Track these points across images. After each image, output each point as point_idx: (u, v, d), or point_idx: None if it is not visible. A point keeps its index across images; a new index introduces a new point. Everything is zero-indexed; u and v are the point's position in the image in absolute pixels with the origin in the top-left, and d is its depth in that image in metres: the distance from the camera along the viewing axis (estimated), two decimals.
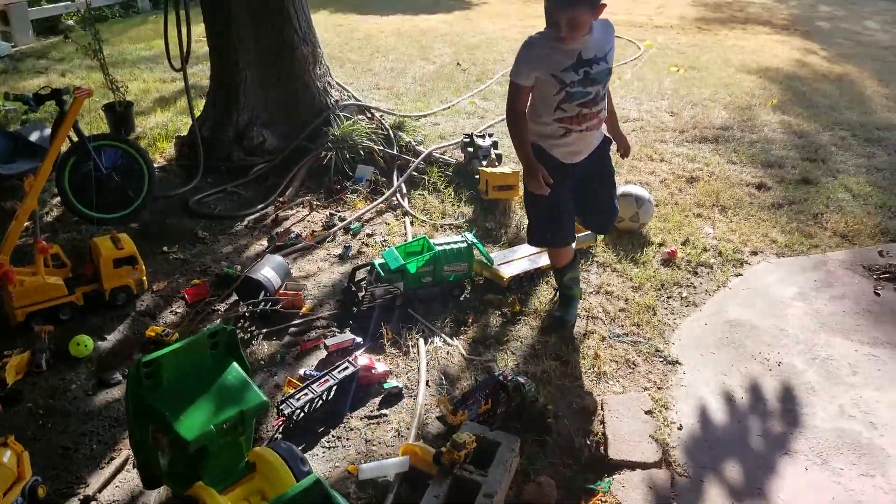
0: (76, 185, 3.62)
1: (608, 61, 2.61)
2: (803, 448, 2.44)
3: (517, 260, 3.59)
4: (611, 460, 2.37)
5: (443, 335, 3.09)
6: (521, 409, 2.58)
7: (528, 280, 3.49)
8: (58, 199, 3.90)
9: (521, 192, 4.30)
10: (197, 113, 4.78)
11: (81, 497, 2.22)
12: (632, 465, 2.35)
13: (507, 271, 3.43)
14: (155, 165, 4.54)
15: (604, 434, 2.50)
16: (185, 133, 4.77)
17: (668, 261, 3.69)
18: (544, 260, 3.55)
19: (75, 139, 3.60)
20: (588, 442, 2.48)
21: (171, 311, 3.23)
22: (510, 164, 4.81)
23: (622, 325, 3.17)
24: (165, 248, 3.71)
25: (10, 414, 2.55)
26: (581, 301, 3.27)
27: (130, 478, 2.32)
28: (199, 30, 4.88)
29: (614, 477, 2.31)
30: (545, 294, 3.38)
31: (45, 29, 8.55)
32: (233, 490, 2.02)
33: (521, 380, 2.62)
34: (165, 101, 5.83)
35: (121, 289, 3.16)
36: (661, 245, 3.85)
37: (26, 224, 3.19)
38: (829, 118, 6.01)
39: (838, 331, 3.12)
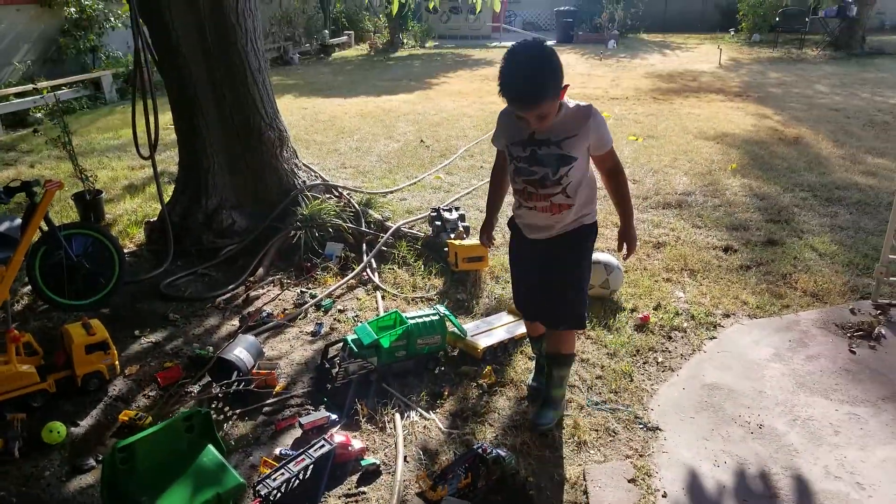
0: (47, 274, 3.63)
1: (562, 148, 2.52)
2: None
3: (492, 330, 3.65)
4: None
5: (419, 409, 3.11)
6: (502, 482, 2.59)
7: (503, 350, 3.54)
8: (28, 287, 3.89)
9: (492, 263, 4.46)
10: (166, 198, 4.87)
11: None
12: None
13: (482, 342, 3.49)
14: (125, 251, 4.58)
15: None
16: (154, 218, 4.84)
17: (642, 326, 3.78)
18: (520, 329, 3.63)
19: (45, 228, 3.63)
20: None
21: (144, 395, 3.20)
22: (476, 237, 4.96)
23: (600, 393, 3.20)
24: (137, 332, 3.70)
25: None
26: None
27: None
28: (166, 118, 5.03)
29: None
30: (521, 364, 3.43)
31: (13, 123, 8.66)
32: None
33: (501, 452, 2.64)
34: (134, 188, 5.92)
35: (93, 374, 3.13)
36: (633, 310, 3.94)
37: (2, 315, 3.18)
38: (788, 180, 6.30)
39: (817, 391, 3.15)
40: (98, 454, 2.77)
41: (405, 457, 2.80)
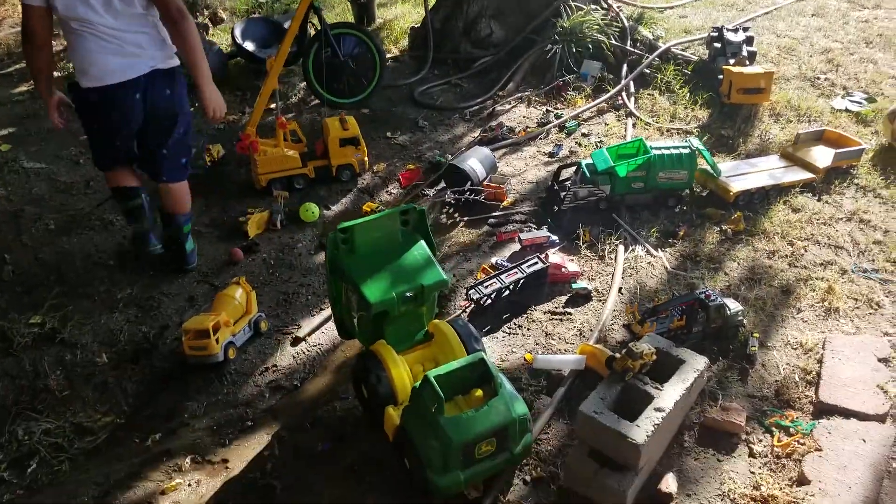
0: (318, 70, 3.94)
1: None
2: None
3: (753, 173, 3.15)
4: (820, 402, 2.06)
5: (647, 245, 2.87)
6: (721, 332, 2.34)
7: (762, 198, 3.06)
8: (304, 83, 4.29)
9: (770, 98, 3.71)
10: (432, 3, 4.85)
11: (293, 337, 2.56)
12: (846, 413, 2.01)
13: (736, 185, 3.03)
14: (389, 56, 4.76)
15: (818, 374, 2.16)
16: (418, 25, 4.89)
17: None
18: (788, 177, 3.08)
19: (319, 27, 3.88)
20: (797, 379, 2.17)
21: (387, 191, 3.45)
22: (764, 64, 4.14)
23: (873, 260, 2.65)
24: (389, 134, 3.92)
25: (248, 261, 2.99)
26: (825, 227, 2.78)
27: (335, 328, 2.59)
28: None
29: (820, 421, 2.00)
30: (781, 215, 2.93)
31: None
32: (410, 353, 2.15)
33: (728, 302, 2.35)
34: None
35: (345, 166, 3.44)
36: None
37: (274, 105, 3.58)
38: None
39: None
40: None
41: (620, 288, 2.64)
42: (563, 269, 2.69)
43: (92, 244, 3.15)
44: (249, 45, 4.34)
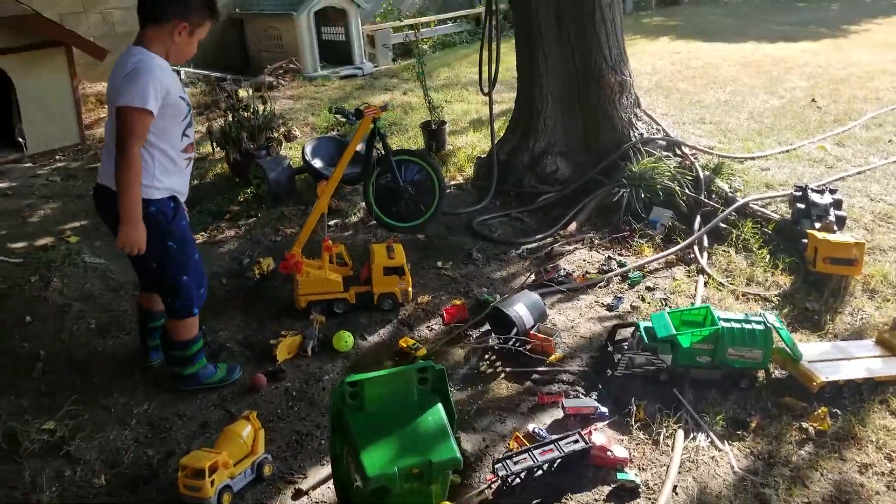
0: (378, 194, 3.91)
1: None
2: None
3: (845, 360, 2.76)
4: None
5: (711, 434, 2.49)
6: None
7: (853, 392, 2.65)
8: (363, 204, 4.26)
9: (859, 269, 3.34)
10: (500, 136, 4.84)
11: (295, 489, 2.29)
12: None
13: (823, 373, 2.64)
14: (452, 183, 4.72)
15: None
16: (484, 155, 4.87)
17: None
18: (887, 369, 2.71)
19: (383, 153, 3.86)
20: None
21: (428, 327, 3.24)
22: (855, 230, 3.80)
23: None
24: (439, 264, 3.76)
25: (270, 388, 2.79)
26: None
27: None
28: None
29: None
30: (876, 418, 2.52)
31: (403, 52, 9.75)
32: None
33: None
34: (480, 122, 6.07)
35: (387, 295, 3.28)
36: None
37: (332, 222, 3.50)
38: None
39: None
40: None
41: (675, 486, 2.25)
42: (609, 453, 2.34)
43: (125, 350, 3.09)
44: (317, 163, 4.41)
